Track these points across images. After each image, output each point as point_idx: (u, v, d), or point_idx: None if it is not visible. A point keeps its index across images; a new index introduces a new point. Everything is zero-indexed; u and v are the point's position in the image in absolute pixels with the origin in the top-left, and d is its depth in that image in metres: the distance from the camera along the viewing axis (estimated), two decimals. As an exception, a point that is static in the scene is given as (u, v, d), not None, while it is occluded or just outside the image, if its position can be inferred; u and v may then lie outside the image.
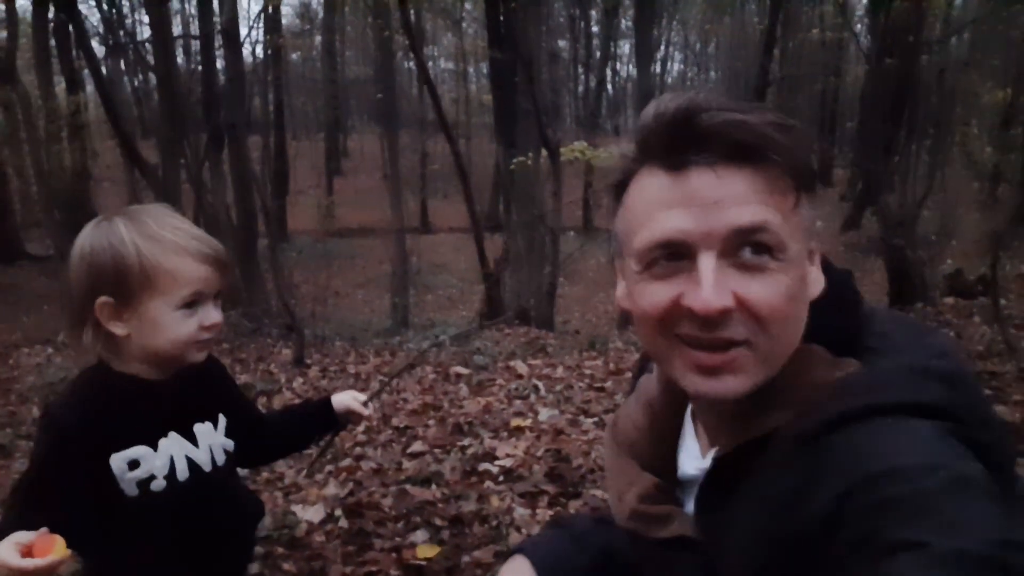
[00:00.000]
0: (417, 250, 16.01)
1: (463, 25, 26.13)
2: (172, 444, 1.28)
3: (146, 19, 17.36)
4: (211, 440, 1.34)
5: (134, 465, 1.23)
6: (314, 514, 3.00)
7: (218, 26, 11.49)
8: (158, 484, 1.25)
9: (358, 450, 3.93)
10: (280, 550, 2.74)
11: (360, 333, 9.62)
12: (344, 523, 2.94)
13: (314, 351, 7.44)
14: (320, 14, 29.27)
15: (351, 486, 3.32)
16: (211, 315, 1.26)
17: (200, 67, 13.16)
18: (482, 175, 22.07)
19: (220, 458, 1.35)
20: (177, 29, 22.04)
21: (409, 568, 2.57)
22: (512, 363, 6.03)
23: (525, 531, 2.76)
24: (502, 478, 3.34)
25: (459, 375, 5.69)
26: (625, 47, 36.96)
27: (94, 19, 19.55)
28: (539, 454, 3.57)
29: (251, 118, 17.31)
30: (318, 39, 28.71)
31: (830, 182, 25.67)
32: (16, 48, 16.97)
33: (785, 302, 0.70)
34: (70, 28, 13.37)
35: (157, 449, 1.26)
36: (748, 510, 0.72)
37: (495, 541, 2.72)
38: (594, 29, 32.00)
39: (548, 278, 10.25)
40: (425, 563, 2.58)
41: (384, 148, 20.59)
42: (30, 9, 16.60)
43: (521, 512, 2.93)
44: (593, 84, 31.98)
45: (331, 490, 3.28)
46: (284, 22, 24.72)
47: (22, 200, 18.22)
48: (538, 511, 2.95)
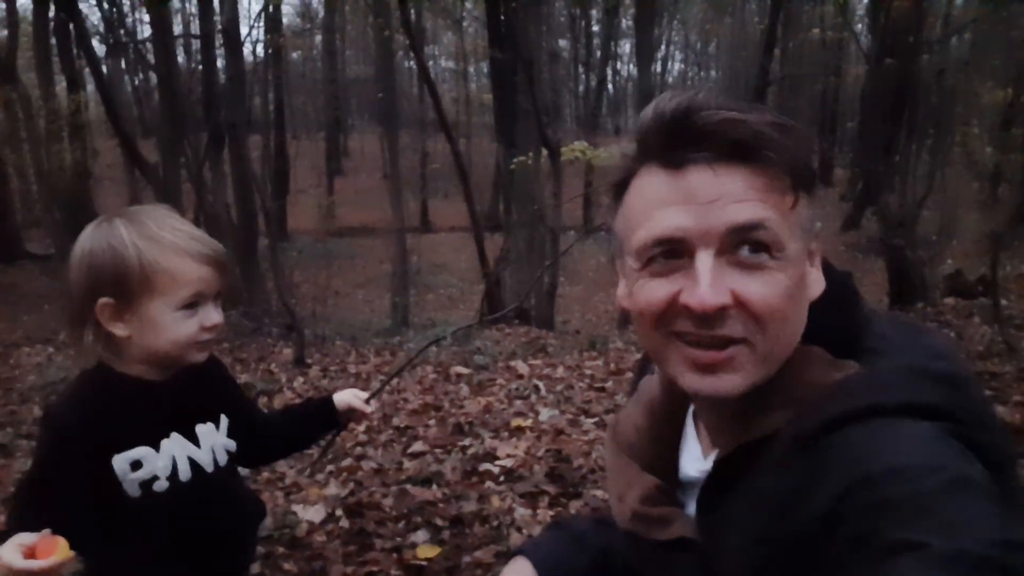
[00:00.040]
0: (417, 250, 16.03)
1: (463, 24, 26.12)
2: (174, 445, 1.28)
3: (146, 18, 17.40)
4: (213, 441, 1.34)
5: (136, 466, 1.23)
6: (315, 514, 3.00)
7: (219, 25, 11.49)
8: (160, 485, 1.25)
9: (359, 450, 3.93)
10: (281, 550, 2.75)
11: (360, 333, 9.61)
12: (345, 523, 2.95)
13: (314, 351, 7.44)
14: (320, 13, 29.28)
15: (352, 486, 3.32)
16: (211, 316, 1.26)
17: (200, 66, 13.18)
18: (482, 175, 22.07)
19: (222, 458, 1.35)
20: (178, 28, 22.07)
21: (410, 568, 2.58)
22: (513, 363, 6.03)
23: (526, 531, 2.76)
24: (503, 478, 3.34)
25: (459, 375, 5.69)
26: (626, 46, 36.99)
27: (95, 18, 19.64)
28: (540, 454, 3.57)
29: (251, 117, 17.30)
30: (318, 38, 28.69)
31: (830, 182, 25.68)
32: (17, 47, 16.95)
33: (783, 301, 0.70)
34: (71, 27, 13.36)
35: (159, 450, 1.26)
36: (747, 510, 0.72)
37: (496, 541, 2.72)
38: (595, 28, 31.97)
39: (548, 276, 10.25)
40: (426, 563, 2.59)
41: (384, 148, 20.58)
42: (31, 8, 16.61)
43: (522, 512, 2.93)
44: (593, 83, 31.92)
45: (332, 490, 3.28)
46: (284, 21, 24.71)
47: (22, 199, 18.21)
48: (539, 511, 2.96)
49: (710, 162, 0.70)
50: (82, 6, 13.21)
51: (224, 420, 1.38)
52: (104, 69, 14.82)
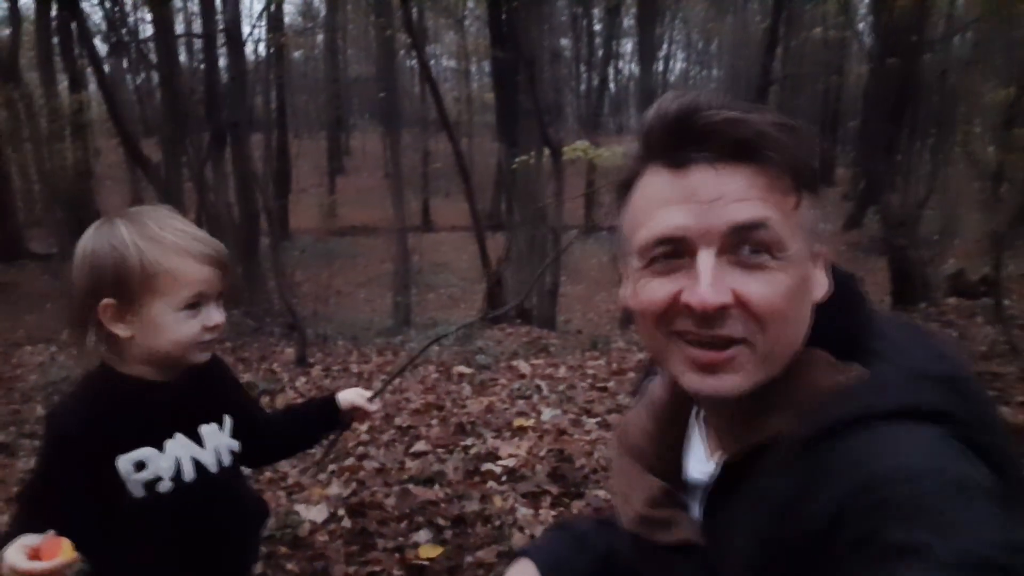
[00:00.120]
0: (419, 249, 16.01)
1: (465, 24, 26.08)
2: (178, 445, 1.28)
3: (148, 17, 17.42)
4: (217, 441, 1.34)
5: (140, 467, 1.23)
6: (317, 514, 3.00)
7: (220, 24, 11.47)
8: (164, 486, 1.25)
9: (361, 449, 3.93)
10: (283, 550, 2.75)
11: (362, 332, 9.61)
12: (347, 523, 2.95)
13: (316, 350, 7.44)
14: (322, 12, 29.27)
15: (354, 486, 3.32)
16: (213, 316, 1.26)
17: (202, 66, 13.16)
18: (484, 174, 22.08)
19: (226, 459, 1.35)
20: (179, 28, 22.07)
21: (412, 568, 2.58)
22: (514, 363, 6.03)
23: (528, 531, 2.76)
24: (505, 478, 3.34)
25: (462, 375, 5.69)
26: (627, 45, 36.89)
27: (96, 17, 19.59)
28: (542, 454, 3.57)
29: (253, 117, 17.29)
30: (320, 37, 28.70)
31: (832, 181, 25.62)
32: (19, 46, 16.99)
33: (784, 301, 0.70)
34: (73, 26, 13.39)
35: (163, 451, 1.26)
36: (750, 513, 0.72)
37: (498, 541, 2.73)
38: (596, 28, 31.95)
39: (550, 276, 10.25)
40: (428, 563, 2.59)
41: (386, 147, 20.56)
42: (33, 7, 16.64)
43: (524, 512, 2.93)
44: (595, 83, 31.90)
45: (334, 489, 3.29)
46: (286, 20, 24.70)
47: (24, 198, 18.23)
48: (541, 511, 2.96)
49: (712, 161, 0.70)
50: (84, 5, 13.24)
51: (228, 420, 1.38)
52: (106, 68, 14.83)
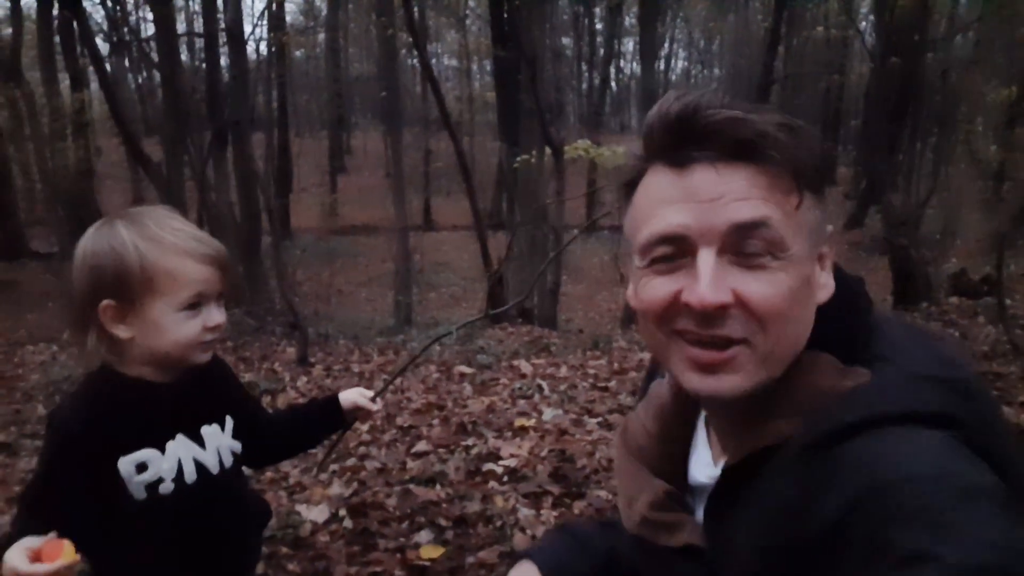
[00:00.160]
0: (420, 248, 16.01)
1: (467, 23, 26.08)
2: (179, 447, 1.28)
3: (150, 16, 17.39)
4: (218, 442, 1.34)
5: (142, 468, 1.23)
6: (318, 514, 3.00)
7: (222, 23, 11.47)
8: (166, 487, 1.25)
9: (362, 449, 3.93)
10: (284, 550, 2.75)
11: (363, 331, 9.61)
12: (348, 523, 2.95)
13: (318, 349, 7.44)
14: (324, 11, 29.30)
15: (355, 486, 3.32)
16: (214, 316, 1.26)
17: (204, 64, 13.17)
18: (485, 173, 22.10)
19: (227, 460, 1.35)
20: (181, 27, 22.07)
21: (413, 568, 2.58)
22: (516, 362, 6.03)
23: (529, 532, 2.76)
24: (506, 478, 3.34)
25: (463, 374, 5.69)
26: (629, 44, 36.90)
27: (98, 16, 19.60)
28: (543, 454, 3.56)
29: (255, 116, 17.32)
30: (322, 36, 28.71)
31: (834, 180, 25.60)
32: (20, 45, 17.00)
33: (784, 301, 0.69)
34: (74, 25, 13.37)
35: (165, 452, 1.26)
36: (755, 518, 0.72)
37: (499, 541, 2.72)
38: (598, 26, 31.93)
39: (551, 275, 10.25)
40: (429, 563, 2.59)
41: (387, 146, 20.56)
42: (34, 6, 16.64)
43: (525, 512, 2.93)
44: (597, 82, 31.89)
45: (335, 490, 3.28)
46: (288, 19, 24.72)
47: (26, 197, 18.27)
48: (542, 511, 2.95)
49: (713, 161, 0.70)
50: (86, 4, 13.19)
51: (229, 421, 1.38)
52: (108, 67, 14.85)
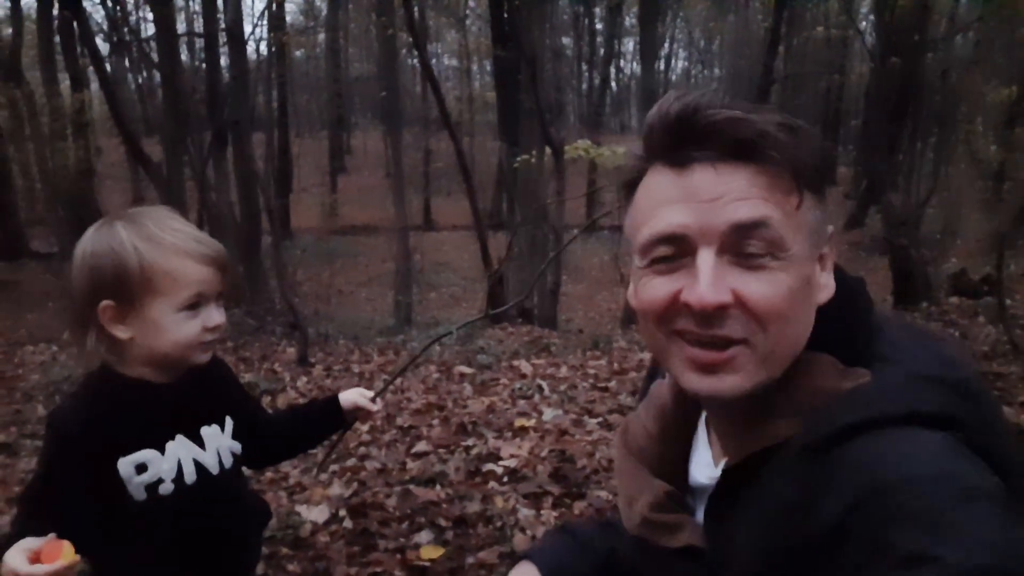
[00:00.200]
0: (420, 248, 16.02)
1: (467, 23, 26.09)
2: (179, 447, 1.28)
3: (150, 16, 17.38)
4: (218, 443, 1.34)
5: (142, 469, 1.23)
6: (318, 514, 3.00)
7: (222, 23, 11.48)
8: (166, 488, 1.25)
9: (362, 450, 3.93)
10: (284, 550, 2.75)
11: (363, 331, 9.61)
12: (348, 523, 2.95)
13: (318, 349, 7.44)
14: (324, 11, 29.30)
15: (355, 486, 3.32)
16: (214, 316, 1.26)
17: (204, 64, 13.18)
18: (485, 173, 22.10)
19: (227, 461, 1.35)
20: (181, 27, 22.06)
21: (413, 569, 2.58)
22: (516, 362, 6.03)
23: (529, 532, 2.76)
24: (506, 479, 3.34)
25: (463, 374, 5.69)
26: (629, 44, 36.92)
27: (98, 16, 19.58)
28: (543, 454, 3.56)
29: (255, 116, 17.31)
30: (322, 36, 28.72)
31: (834, 180, 25.61)
32: (21, 45, 16.99)
33: (784, 301, 0.69)
34: (74, 25, 13.36)
35: (164, 453, 1.25)
36: (755, 519, 0.71)
37: (499, 542, 2.72)
38: (598, 26, 31.93)
39: (551, 275, 10.25)
40: (429, 564, 2.59)
41: (387, 146, 20.56)
42: (34, 6, 16.63)
43: (525, 513, 2.93)
44: (597, 81, 31.89)
45: (335, 490, 3.28)
46: (288, 19, 24.72)
47: (26, 197, 18.26)
48: (542, 512, 2.95)
49: (713, 161, 0.70)
50: (86, 4, 13.20)
51: (229, 422, 1.38)
52: (108, 67, 14.85)
